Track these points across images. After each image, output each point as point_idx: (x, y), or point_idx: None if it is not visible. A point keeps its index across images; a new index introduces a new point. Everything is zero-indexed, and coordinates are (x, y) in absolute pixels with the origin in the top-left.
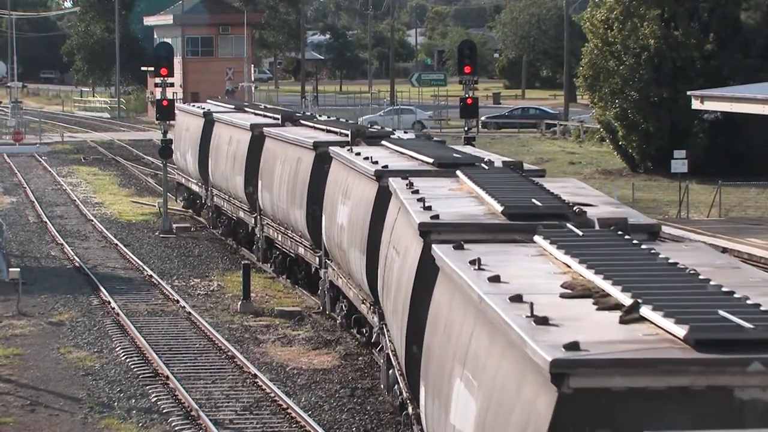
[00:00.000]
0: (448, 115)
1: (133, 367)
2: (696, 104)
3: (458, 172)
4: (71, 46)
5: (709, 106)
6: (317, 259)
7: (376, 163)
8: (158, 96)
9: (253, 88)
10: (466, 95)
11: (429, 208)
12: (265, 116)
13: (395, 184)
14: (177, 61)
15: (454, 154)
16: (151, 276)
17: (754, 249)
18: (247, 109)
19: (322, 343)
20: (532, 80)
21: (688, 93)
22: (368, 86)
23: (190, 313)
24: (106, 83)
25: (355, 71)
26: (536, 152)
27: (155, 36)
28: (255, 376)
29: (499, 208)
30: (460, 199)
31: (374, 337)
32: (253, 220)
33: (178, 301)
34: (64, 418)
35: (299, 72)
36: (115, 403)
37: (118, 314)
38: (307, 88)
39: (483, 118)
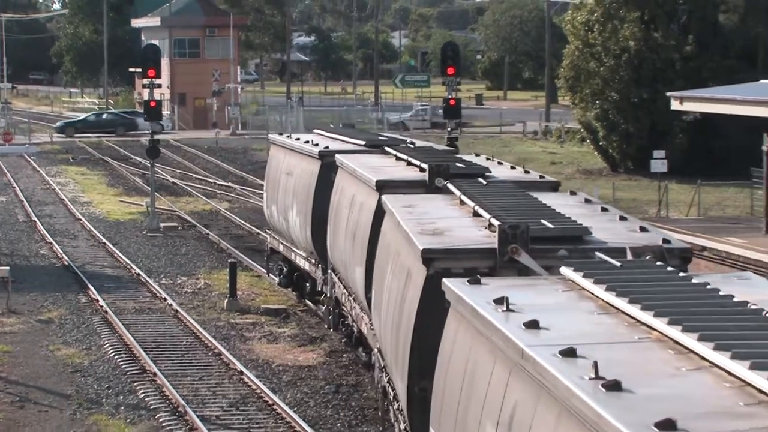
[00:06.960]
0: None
1: (121, 364)
2: (675, 105)
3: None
4: (60, 47)
5: (688, 107)
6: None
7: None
8: (146, 97)
9: (239, 90)
10: (449, 96)
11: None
12: (409, 163)
13: None
14: (164, 63)
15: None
16: (138, 274)
17: (731, 247)
18: (388, 148)
19: (307, 340)
20: (514, 81)
21: (668, 94)
22: (353, 87)
23: (177, 310)
24: (95, 84)
25: (340, 73)
26: (518, 152)
27: (143, 38)
28: (241, 372)
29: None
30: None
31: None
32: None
33: (165, 299)
34: (53, 414)
35: (285, 73)
36: (104, 400)
37: (106, 312)
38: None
39: None
